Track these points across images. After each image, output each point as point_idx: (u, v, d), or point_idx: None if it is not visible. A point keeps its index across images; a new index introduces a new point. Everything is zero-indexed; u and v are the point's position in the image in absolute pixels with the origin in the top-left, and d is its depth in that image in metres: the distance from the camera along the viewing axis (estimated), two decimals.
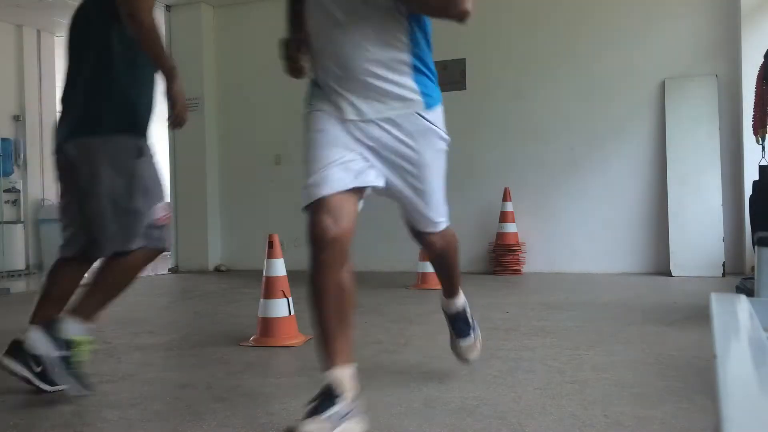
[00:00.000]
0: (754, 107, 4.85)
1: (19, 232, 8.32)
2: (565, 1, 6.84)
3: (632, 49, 6.54)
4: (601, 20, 6.69)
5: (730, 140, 6.22)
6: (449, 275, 2.56)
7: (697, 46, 6.40)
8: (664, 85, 6.46)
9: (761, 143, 4.75)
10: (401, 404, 2.35)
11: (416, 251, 5.26)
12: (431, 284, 5.46)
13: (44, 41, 8.95)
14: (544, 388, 2.51)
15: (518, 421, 2.14)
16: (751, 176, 5.22)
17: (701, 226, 6.16)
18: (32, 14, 8.29)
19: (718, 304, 1.21)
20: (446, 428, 2.09)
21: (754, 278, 3.20)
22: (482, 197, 6.91)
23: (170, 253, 7.77)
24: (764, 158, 4.71)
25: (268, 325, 3.50)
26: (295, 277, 3.59)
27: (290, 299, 3.54)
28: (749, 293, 3.13)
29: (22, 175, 8.54)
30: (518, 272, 6.65)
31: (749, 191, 4.99)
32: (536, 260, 6.76)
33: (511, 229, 6.70)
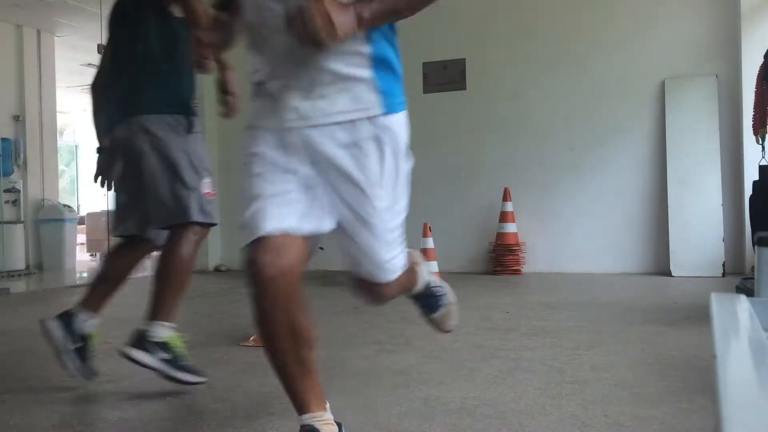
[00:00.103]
0: (754, 107, 4.85)
1: (19, 232, 8.30)
2: (565, 1, 6.84)
3: (632, 49, 6.53)
4: (601, 20, 6.69)
5: (730, 140, 6.21)
6: (405, 291, 2.19)
7: (697, 46, 6.40)
8: (664, 85, 6.45)
9: (761, 143, 4.76)
10: (401, 404, 2.34)
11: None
12: None
13: (44, 41, 8.94)
14: (544, 388, 2.51)
15: (518, 421, 2.14)
16: (751, 176, 5.22)
17: (701, 226, 6.15)
18: (32, 14, 8.28)
19: (718, 304, 1.21)
20: (446, 428, 2.09)
21: (754, 278, 3.19)
22: (482, 197, 6.91)
23: None
24: (764, 158, 4.72)
25: None
26: None
27: None
28: (749, 293, 3.11)
29: (22, 175, 8.53)
30: (518, 272, 6.64)
31: (749, 191, 5.00)
32: (536, 260, 6.75)
33: (511, 229, 6.69)
